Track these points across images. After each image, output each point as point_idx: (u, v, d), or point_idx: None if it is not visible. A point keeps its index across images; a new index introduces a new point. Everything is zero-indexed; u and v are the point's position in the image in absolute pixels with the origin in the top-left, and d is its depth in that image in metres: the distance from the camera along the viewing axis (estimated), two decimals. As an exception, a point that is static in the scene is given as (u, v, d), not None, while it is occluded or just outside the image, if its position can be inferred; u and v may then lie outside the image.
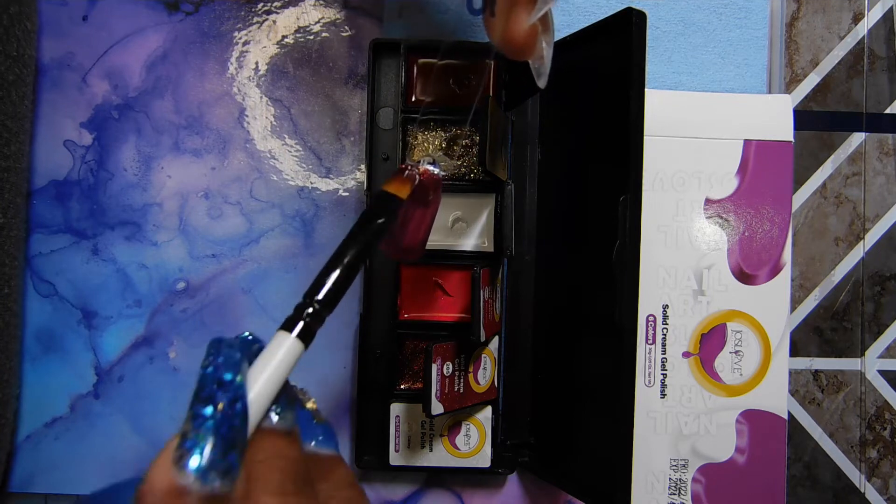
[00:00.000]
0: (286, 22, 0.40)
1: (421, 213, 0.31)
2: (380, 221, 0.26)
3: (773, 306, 0.38)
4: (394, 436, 0.38)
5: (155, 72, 0.40)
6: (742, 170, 0.39)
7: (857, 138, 0.41)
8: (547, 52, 0.29)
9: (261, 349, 0.23)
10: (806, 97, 0.41)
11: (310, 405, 0.26)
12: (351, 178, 0.40)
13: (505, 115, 0.37)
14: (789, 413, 0.40)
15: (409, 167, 0.29)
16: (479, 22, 0.40)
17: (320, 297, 0.24)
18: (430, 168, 0.31)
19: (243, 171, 0.40)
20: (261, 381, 0.22)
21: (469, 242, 0.37)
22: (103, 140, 0.40)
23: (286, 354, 0.23)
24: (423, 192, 0.30)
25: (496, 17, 0.27)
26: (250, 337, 0.24)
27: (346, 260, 0.25)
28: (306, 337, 0.24)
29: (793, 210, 0.40)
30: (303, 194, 0.40)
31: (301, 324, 0.24)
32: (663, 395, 0.39)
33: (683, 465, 0.38)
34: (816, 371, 0.41)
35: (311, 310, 0.24)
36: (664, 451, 0.38)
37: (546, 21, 0.28)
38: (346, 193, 0.40)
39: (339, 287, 0.25)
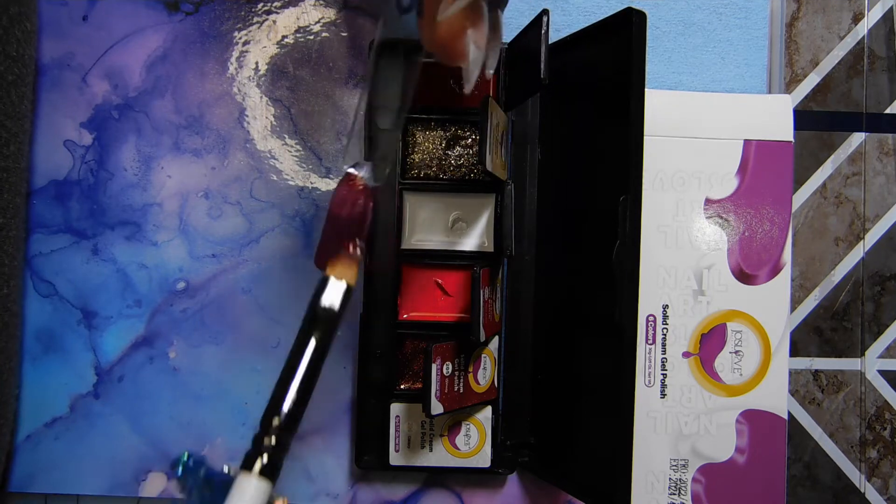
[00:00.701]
0: (286, 22, 0.40)
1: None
2: (331, 315, 0.23)
3: (773, 306, 0.38)
4: (394, 436, 0.38)
5: (155, 72, 0.40)
6: (742, 170, 0.39)
7: (857, 138, 0.41)
8: (475, 55, 0.26)
9: (209, 473, 0.22)
10: (806, 97, 0.41)
11: None
12: (351, 178, 0.40)
13: (505, 115, 0.37)
14: (789, 413, 0.40)
15: (353, 244, 0.25)
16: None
17: (280, 420, 0.22)
18: (355, 171, 0.27)
19: (243, 171, 0.40)
20: None
21: (469, 242, 0.37)
22: (103, 140, 0.40)
23: (251, 500, 0.21)
24: (353, 206, 0.27)
25: (423, 18, 0.25)
26: (189, 461, 0.22)
27: (300, 370, 0.22)
28: (271, 472, 0.21)
29: (793, 210, 0.40)
30: (303, 194, 0.40)
31: (260, 461, 0.21)
32: (663, 395, 0.39)
33: (683, 465, 0.38)
34: (816, 371, 0.41)
35: (272, 440, 0.22)
36: (664, 451, 0.38)
37: (477, 20, 0.26)
38: (346, 193, 0.40)
39: (299, 403, 0.22)
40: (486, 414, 0.38)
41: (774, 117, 0.39)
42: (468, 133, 0.38)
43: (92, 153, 0.40)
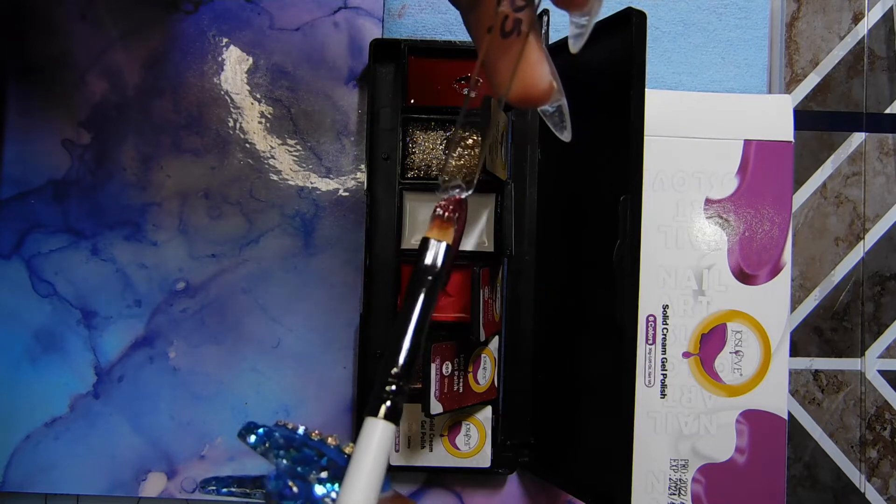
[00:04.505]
0: (286, 21, 0.40)
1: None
2: (436, 271, 0.25)
3: (773, 306, 0.38)
4: (394, 436, 0.38)
5: (154, 71, 0.40)
6: (742, 170, 0.39)
7: (857, 138, 0.41)
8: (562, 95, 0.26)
9: (283, 435, 0.24)
10: (806, 97, 0.41)
11: (331, 441, 0.26)
12: (351, 178, 0.40)
13: (505, 115, 0.37)
14: (789, 413, 0.40)
15: (446, 206, 0.26)
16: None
17: (397, 370, 0.23)
18: (455, 193, 0.27)
19: (243, 171, 0.40)
20: (364, 478, 0.22)
21: (469, 242, 0.37)
22: (102, 139, 0.40)
23: (380, 440, 0.23)
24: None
25: (501, 65, 0.23)
26: (260, 431, 0.24)
27: (412, 323, 0.24)
28: (395, 415, 0.23)
29: (793, 210, 0.40)
30: (303, 194, 0.40)
31: (387, 404, 0.23)
32: (663, 395, 0.39)
33: (683, 465, 0.38)
34: (816, 371, 0.41)
35: (393, 387, 0.23)
36: (664, 451, 0.38)
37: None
38: (346, 193, 0.40)
39: (412, 353, 0.24)
40: (486, 414, 0.38)
41: (774, 117, 0.39)
42: (468, 133, 0.38)
43: (90, 152, 0.40)
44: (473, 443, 0.38)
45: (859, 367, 0.41)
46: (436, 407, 0.34)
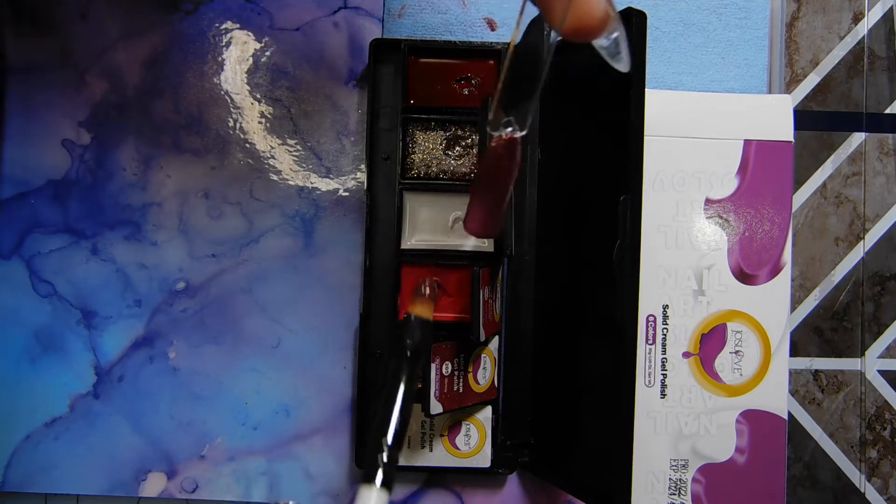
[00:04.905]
0: (286, 21, 0.40)
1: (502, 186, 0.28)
2: (418, 346, 0.27)
3: (773, 306, 0.38)
4: (394, 436, 0.38)
5: (154, 71, 0.40)
6: (742, 170, 0.39)
7: (857, 138, 0.41)
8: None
9: None
10: (806, 97, 0.41)
11: None
12: (351, 178, 0.40)
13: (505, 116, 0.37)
14: (789, 413, 0.40)
15: (427, 284, 0.28)
16: (478, 22, 0.40)
17: (388, 440, 0.26)
18: (508, 132, 0.27)
19: (243, 171, 0.40)
20: None
21: (469, 242, 0.37)
22: (102, 139, 0.40)
23: None
24: (499, 161, 0.27)
25: None
26: None
27: (398, 396, 0.26)
28: (388, 483, 0.25)
29: (793, 210, 0.40)
30: (303, 194, 0.40)
31: (380, 473, 0.25)
32: (663, 395, 0.39)
33: (683, 465, 0.38)
34: (816, 371, 0.41)
35: (384, 457, 0.25)
36: (664, 451, 0.38)
37: None
38: (346, 193, 0.40)
39: (402, 424, 0.26)
40: (486, 414, 0.38)
41: (774, 117, 0.39)
42: (468, 133, 0.38)
43: (90, 152, 0.40)
44: (473, 443, 0.38)
45: (859, 367, 0.41)
46: (436, 407, 0.34)
